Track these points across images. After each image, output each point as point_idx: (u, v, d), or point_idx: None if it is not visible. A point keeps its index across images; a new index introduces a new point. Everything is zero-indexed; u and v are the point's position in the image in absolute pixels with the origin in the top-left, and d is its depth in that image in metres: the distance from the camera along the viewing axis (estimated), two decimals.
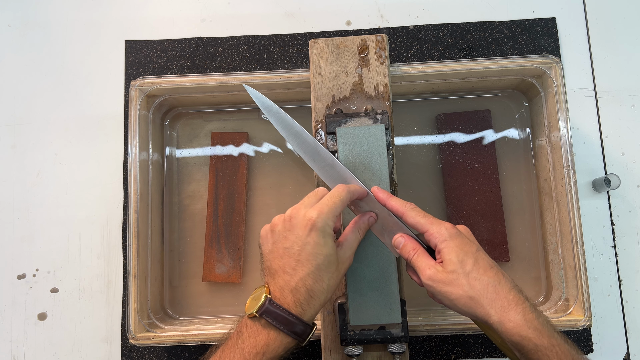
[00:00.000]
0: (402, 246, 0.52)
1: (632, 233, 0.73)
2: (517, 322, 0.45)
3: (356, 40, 0.64)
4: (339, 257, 0.50)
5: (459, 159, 0.72)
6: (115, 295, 0.73)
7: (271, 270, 0.49)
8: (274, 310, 0.47)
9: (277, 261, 0.49)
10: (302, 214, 0.48)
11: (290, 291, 0.47)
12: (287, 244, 0.48)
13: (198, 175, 0.74)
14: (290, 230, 0.48)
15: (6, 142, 0.76)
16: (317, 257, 0.47)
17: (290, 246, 0.48)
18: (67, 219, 0.74)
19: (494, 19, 0.77)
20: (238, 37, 0.78)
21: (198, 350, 0.70)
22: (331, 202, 0.49)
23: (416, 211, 0.52)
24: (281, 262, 0.48)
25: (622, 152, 0.75)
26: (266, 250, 0.51)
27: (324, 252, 0.48)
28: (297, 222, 0.48)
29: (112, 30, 0.79)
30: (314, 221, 0.48)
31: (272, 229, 0.51)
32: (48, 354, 0.72)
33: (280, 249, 0.49)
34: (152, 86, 0.67)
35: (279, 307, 0.47)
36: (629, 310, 0.71)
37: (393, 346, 0.57)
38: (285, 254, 0.48)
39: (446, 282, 0.48)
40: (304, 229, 0.48)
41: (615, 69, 0.76)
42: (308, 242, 0.47)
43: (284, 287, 0.48)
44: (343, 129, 0.59)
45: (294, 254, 0.48)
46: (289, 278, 0.48)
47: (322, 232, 0.48)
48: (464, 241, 0.49)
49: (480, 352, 0.70)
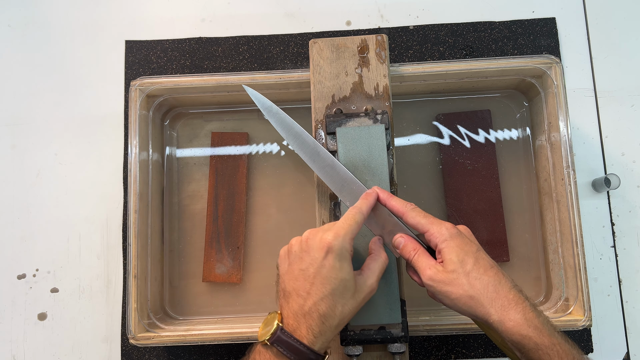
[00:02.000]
0: (403, 246, 0.52)
1: (632, 233, 0.73)
2: (518, 321, 0.45)
3: (356, 40, 0.64)
4: (357, 284, 0.49)
5: (459, 159, 0.72)
6: (115, 296, 0.73)
7: (285, 292, 0.49)
8: (286, 340, 0.46)
9: (292, 283, 0.48)
10: (319, 237, 0.48)
11: (304, 316, 0.46)
12: (302, 265, 0.48)
13: (198, 175, 0.74)
14: (307, 251, 0.48)
15: (6, 142, 0.76)
16: (333, 281, 0.47)
17: (305, 268, 0.47)
18: (67, 219, 0.74)
19: (494, 19, 0.77)
20: (238, 37, 0.78)
21: (198, 350, 0.70)
22: (347, 225, 0.49)
23: (416, 211, 0.52)
24: (295, 284, 0.48)
25: (622, 152, 0.75)
26: (282, 270, 0.50)
27: (340, 276, 0.47)
28: (314, 243, 0.48)
29: (112, 30, 0.79)
30: (331, 244, 0.47)
31: (289, 250, 0.50)
32: (48, 354, 0.72)
33: (295, 270, 0.48)
34: (152, 86, 0.67)
35: (290, 337, 0.46)
36: (629, 310, 0.71)
37: (393, 346, 0.57)
38: (300, 276, 0.47)
39: (446, 282, 0.48)
40: (320, 251, 0.47)
41: (615, 69, 0.76)
42: (324, 265, 0.47)
43: (297, 312, 0.47)
44: (343, 129, 0.59)
45: (309, 277, 0.47)
46: (302, 302, 0.47)
47: (339, 256, 0.47)
48: (464, 241, 0.49)
49: (480, 352, 0.70)
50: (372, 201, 0.53)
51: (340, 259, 0.47)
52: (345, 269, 0.48)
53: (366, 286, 0.49)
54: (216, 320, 0.70)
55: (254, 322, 0.67)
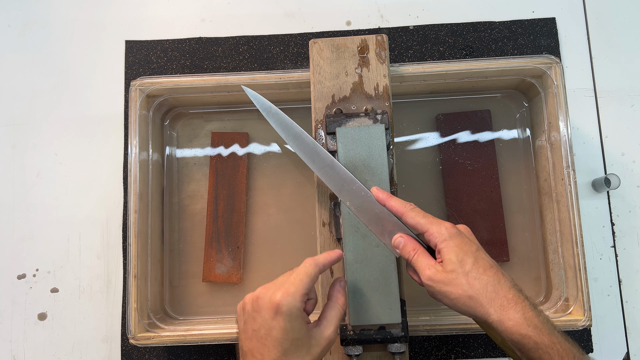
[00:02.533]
0: (402, 246, 0.52)
1: (632, 233, 0.73)
2: (517, 320, 0.45)
3: (356, 41, 0.64)
4: (314, 337, 0.47)
5: (459, 159, 0.72)
6: (115, 295, 0.73)
7: (243, 352, 0.48)
8: None
9: (247, 343, 0.47)
10: (269, 296, 0.46)
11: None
12: (255, 325, 0.46)
13: (198, 175, 0.74)
14: (258, 311, 0.46)
15: (6, 142, 0.76)
16: (284, 343, 0.45)
17: (257, 329, 0.46)
18: (67, 219, 0.74)
19: (494, 19, 0.77)
20: (238, 37, 0.78)
21: (198, 350, 0.70)
22: (297, 281, 0.47)
23: (416, 211, 0.52)
24: (250, 345, 0.47)
25: (622, 152, 0.75)
26: (239, 328, 0.49)
27: (290, 336, 0.45)
28: (263, 303, 0.46)
29: (112, 30, 0.79)
30: (279, 304, 0.45)
31: (243, 307, 0.48)
32: (48, 354, 0.72)
33: (249, 330, 0.47)
34: (152, 86, 0.67)
35: None
36: (629, 310, 0.71)
37: (393, 346, 0.57)
38: (254, 337, 0.46)
39: (446, 282, 0.48)
40: (269, 311, 0.45)
41: (615, 69, 0.76)
42: (273, 327, 0.45)
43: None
44: (343, 129, 0.59)
45: (261, 338, 0.46)
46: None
47: (288, 316, 0.45)
48: (463, 241, 0.49)
49: (480, 352, 0.70)
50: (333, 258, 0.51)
51: (290, 319, 0.45)
52: (296, 327, 0.46)
53: (323, 338, 0.48)
54: (216, 320, 0.70)
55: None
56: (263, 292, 0.47)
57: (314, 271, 0.48)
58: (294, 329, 0.45)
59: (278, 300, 0.45)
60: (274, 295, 0.46)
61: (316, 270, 0.48)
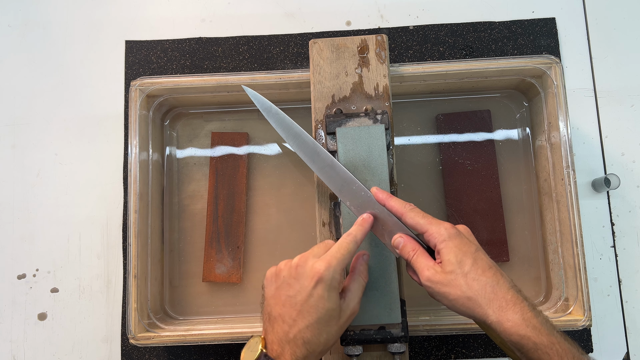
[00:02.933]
0: (402, 247, 0.52)
1: (632, 233, 0.73)
2: (515, 321, 0.45)
3: (356, 41, 0.64)
4: (342, 309, 0.49)
5: (459, 159, 0.72)
6: (115, 295, 0.73)
7: (271, 317, 0.48)
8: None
9: (278, 308, 0.48)
10: (310, 265, 0.48)
11: (288, 342, 0.46)
12: (290, 292, 0.47)
13: (198, 175, 0.74)
14: (296, 278, 0.48)
15: (6, 142, 0.76)
16: (320, 311, 0.47)
17: (293, 295, 0.47)
18: (67, 219, 0.74)
19: (494, 19, 0.77)
20: (238, 37, 0.78)
21: (198, 350, 0.71)
22: (339, 255, 0.48)
23: (415, 212, 0.52)
24: (282, 310, 0.47)
25: (622, 152, 0.75)
26: (268, 293, 0.50)
27: (327, 306, 0.47)
28: (304, 271, 0.47)
29: (112, 30, 0.79)
30: (322, 274, 0.47)
31: (277, 273, 0.50)
32: (48, 354, 0.72)
33: (282, 296, 0.48)
34: (152, 86, 0.67)
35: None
36: (629, 310, 0.71)
37: (393, 346, 0.57)
38: (287, 302, 0.47)
39: (444, 283, 0.48)
40: (310, 280, 0.47)
41: (615, 69, 0.76)
42: (312, 295, 0.47)
43: (282, 338, 0.47)
44: (343, 129, 0.59)
45: (296, 304, 0.47)
46: (287, 328, 0.47)
47: (329, 286, 0.47)
48: (463, 241, 0.49)
49: (480, 352, 0.70)
50: (367, 228, 0.52)
51: (330, 289, 0.47)
52: (333, 299, 0.47)
53: (349, 310, 0.49)
54: (216, 320, 0.70)
55: (254, 322, 0.67)
56: (302, 261, 0.48)
57: (354, 248, 0.50)
58: (330, 299, 0.47)
59: (321, 270, 0.47)
60: (317, 265, 0.47)
61: (356, 247, 0.50)
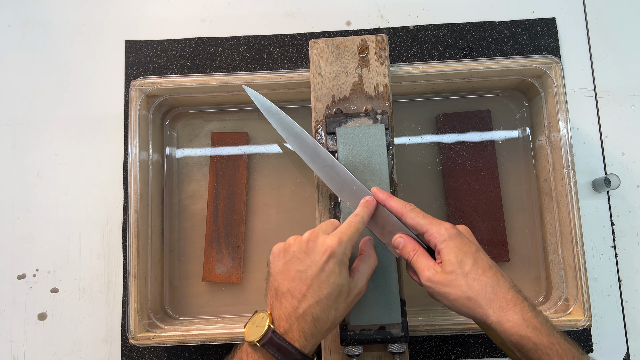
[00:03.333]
0: (402, 247, 0.52)
1: (632, 233, 0.73)
2: (516, 321, 0.45)
3: (356, 41, 0.64)
4: (350, 287, 0.49)
5: (459, 159, 0.72)
6: (115, 295, 0.73)
7: (278, 292, 0.48)
8: (278, 342, 0.45)
9: (287, 283, 0.47)
10: (322, 240, 0.48)
11: (297, 318, 0.46)
12: (301, 267, 0.47)
13: (198, 175, 0.74)
14: (307, 253, 0.47)
15: (6, 142, 0.76)
16: (330, 286, 0.47)
17: (304, 270, 0.47)
18: (67, 219, 0.74)
19: (494, 19, 0.77)
20: (238, 37, 0.78)
21: (198, 350, 0.71)
22: (349, 232, 0.49)
23: (415, 212, 0.52)
24: (291, 285, 0.47)
25: (622, 152, 0.75)
26: (276, 269, 0.49)
27: (337, 281, 0.47)
28: (315, 246, 0.47)
29: (112, 30, 0.79)
30: (334, 249, 0.47)
31: (286, 249, 0.49)
32: (48, 354, 0.72)
33: (292, 271, 0.47)
34: (152, 86, 0.67)
35: (282, 339, 0.45)
36: (629, 310, 0.71)
37: (393, 346, 0.57)
38: (297, 277, 0.47)
39: (445, 284, 0.48)
40: (322, 254, 0.47)
41: (615, 69, 0.76)
42: (324, 269, 0.47)
43: (291, 313, 0.46)
44: (343, 129, 0.59)
45: (306, 279, 0.47)
46: (296, 304, 0.46)
47: (340, 262, 0.47)
48: (463, 241, 0.49)
49: (480, 352, 0.70)
50: (372, 209, 0.53)
51: (341, 264, 0.47)
52: (343, 274, 0.48)
53: (357, 289, 0.49)
54: (216, 320, 0.70)
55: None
56: (313, 236, 0.48)
57: (362, 227, 0.51)
58: (341, 275, 0.47)
59: (333, 245, 0.47)
60: (328, 240, 0.48)
61: (363, 226, 0.51)
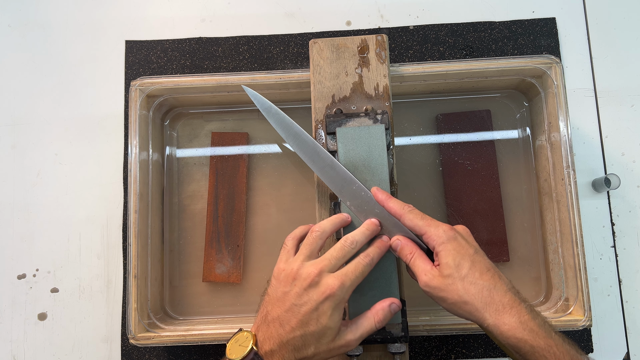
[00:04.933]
0: (400, 249, 0.52)
1: (632, 233, 0.73)
2: (512, 324, 0.45)
3: (356, 41, 0.64)
4: (339, 334, 0.49)
5: (459, 159, 0.72)
6: (115, 295, 0.73)
7: (267, 317, 0.49)
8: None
9: (279, 311, 0.48)
10: (325, 280, 0.48)
11: (280, 346, 0.47)
12: (298, 301, 0.48)
13: (198, 175, 0.74)
14: (307, 290, 0.48)
15: (6, 142, 0.76)
16: (317, 325, 0.47)
17: (300, 304, 0.47)
18: (67, 219, 0.74)
19: (494, 19, 0.77)
20: (238, 37, 0.78)
21: (198, 350, 0.71)
22: (354, 276, 0.49)
23: (414, 213, 0.51)
24: (282, 314, 0.48)
25: (622, 152, 0.75)
26: (274, 294, 0.49)
27: (325, 323, 0.47)
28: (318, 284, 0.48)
29: (112, 30, 0.79)
30: (334, 292, 0.47)
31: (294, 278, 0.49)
32: (48, 354, 0.72)
33: (288, 302, 0.48)
34: (152, 86, 0.67)
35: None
36: (629, 310, 0.71)
37: (393, 346, 0.57)
38: (291, 309, 0.47)
39: (441, 288, 0.48)
40: (321, 294, 0.47)
41: (615, 69, 0.76)
42: (317, 309, 0.47)
43: (275, 340, 0.47)
44: (343, 129, 0.59)
45: (299, 313, 0.47)
46: (283, 332, 0.47)
47: (335, 305, 0.47)
48: (461, 244, 0.49)
49: (480, 352, 0.70)
50: (384, 250, 0.53)
51: (335, 307, 0.47)
52: (335, 318, 0.48)
53: (344, 339, 0.49)
54: (216, 320, 0.70)
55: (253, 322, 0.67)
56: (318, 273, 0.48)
57: (369, 271, 0.51)
58: (332, 318, 0.47)
59: (334, 288, 0.47)
60: (331, 282, 0.48)
61: (370, 269, 0.51)
